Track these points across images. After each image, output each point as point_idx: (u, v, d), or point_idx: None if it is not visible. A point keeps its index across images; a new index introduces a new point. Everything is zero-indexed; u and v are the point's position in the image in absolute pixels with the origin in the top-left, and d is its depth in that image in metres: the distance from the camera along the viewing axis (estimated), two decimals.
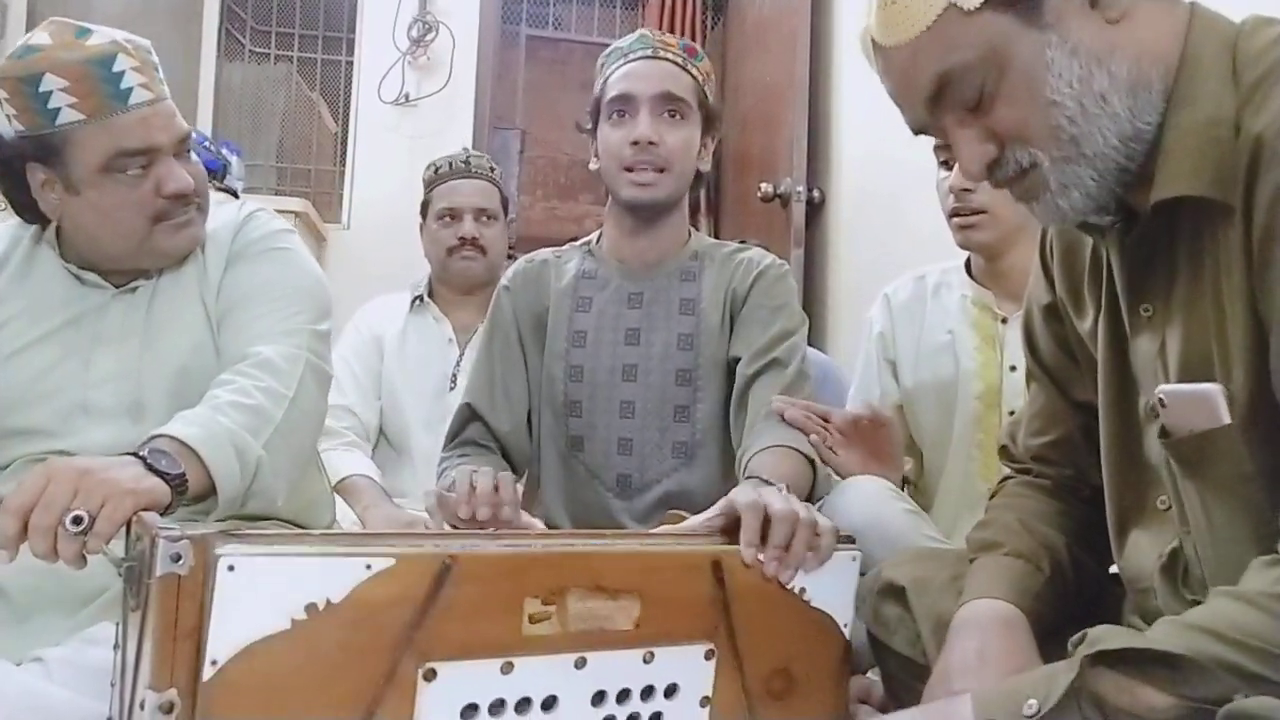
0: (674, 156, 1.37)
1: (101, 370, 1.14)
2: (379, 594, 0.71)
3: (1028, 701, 0.65)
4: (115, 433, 1.11)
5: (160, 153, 1.13)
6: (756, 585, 0.86)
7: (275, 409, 1.06)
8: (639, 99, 1.36)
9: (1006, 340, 1.44)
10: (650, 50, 1.39)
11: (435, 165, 2.12)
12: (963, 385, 1.46)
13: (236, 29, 3.50)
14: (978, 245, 1.45)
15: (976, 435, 1.43)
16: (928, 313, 1.53)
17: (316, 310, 1.21)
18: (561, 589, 0.78)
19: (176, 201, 1.15)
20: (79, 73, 1.07)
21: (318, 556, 0.71)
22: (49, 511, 0.82)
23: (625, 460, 1.38)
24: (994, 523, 0.96)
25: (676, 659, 0.83)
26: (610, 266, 1.46)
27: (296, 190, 3.41)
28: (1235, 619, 0.63)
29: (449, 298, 2.07)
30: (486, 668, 0.75)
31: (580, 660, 0.79)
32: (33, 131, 1.09)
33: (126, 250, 1.16)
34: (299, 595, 0.69)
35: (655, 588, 0.82)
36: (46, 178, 1.12)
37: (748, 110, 3.43)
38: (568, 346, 1.42)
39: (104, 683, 0.82)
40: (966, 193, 1.40)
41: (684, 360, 1.39)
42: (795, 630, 0.88)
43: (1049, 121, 0.73)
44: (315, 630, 0.70)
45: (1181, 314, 0.74)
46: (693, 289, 1.42)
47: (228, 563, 0.67)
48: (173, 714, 0.67)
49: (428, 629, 0.73)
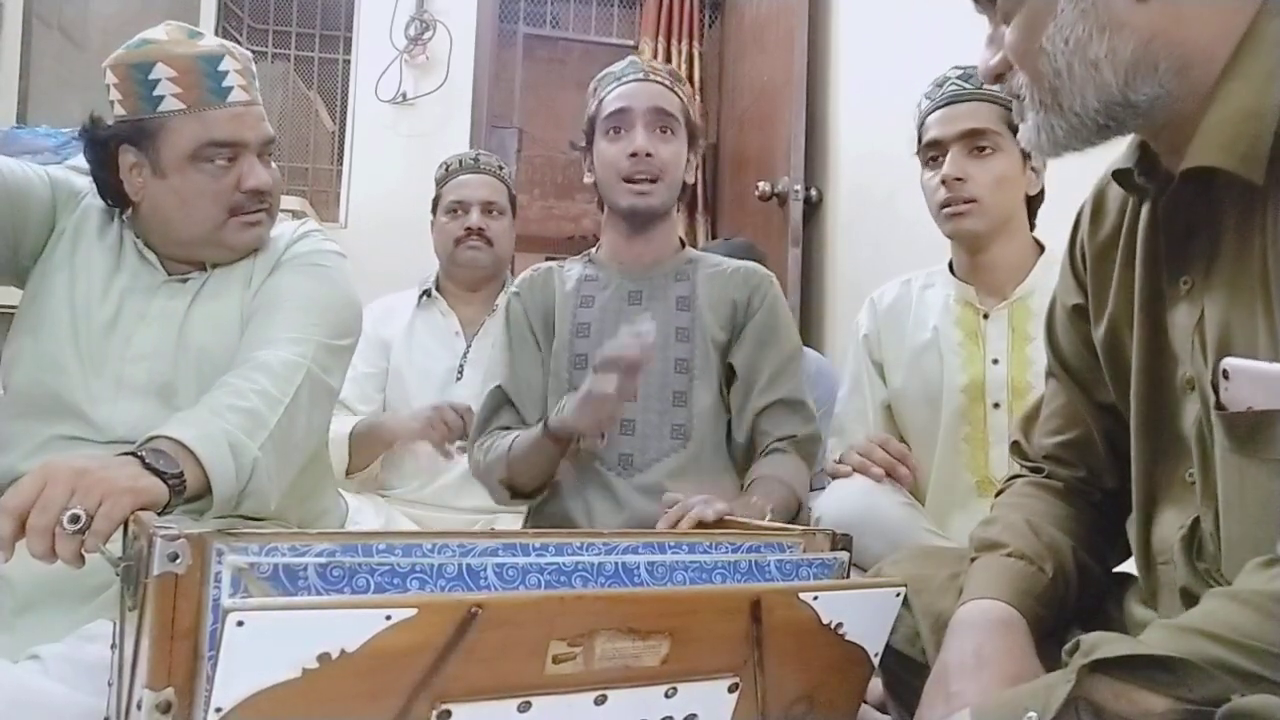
0: (667, 167, 1.49)
1: (139, 348, 1.18)
2: (398, 643, 0.67)
3: (1027, 714, 0.64)
4: (144, 410, 1.14)
5: (246, 149, 1.21)
6: (794, 622, 0.82)
7: (270, 413, 1.07)
8: (634, 114, 1.48)
9: (989, 334, 1.48)
10: (642, 74, 1.53)
11: (446, 163, 2.18)
12: (947, 380, 1.48)
13: (233, 27, 3.49)
14: (967, 233, 1.47)
15: (962, 429, 1.46)
16: (913, 313, 1.57)
17: (335, 326, 1.23)
18: (591, 632, 0.74)
19: (253, 198, 1.22)
20: (187, 66, 1.16)
21: (334, 610, 0.67)
22: (46, 512, 0.82)
23: (628, 440, 1.48)
24: (999, 521, 0.95)
25: (699, 693, 0.80)
26: (610, 270, 1.56)
27: (294, 189, 3.41)
28: (1231, 619, 0.63)
29: (456, 292, 2.12)
30: (503, 708, 0.72)
31: (600, 697, 0.76)
32: (133, 116, 1.17)
33: (198, 237, 1.22)
34: (312, 647, 0.65)
35: (688, 628, 0.78)
36: (137, 161, 1.19)
37: (745, 109, 3.44)
38: (572, 338, 1.53)
39: (100, 679, 0.82)
40: (959, 182, 1.43)
41: (682, 350, 1.50)
42: (825, 662, 0.86)
43: (1036, 65, 0.76)
44: (327, 678, 0.66)
45: (1224, 289, 0.74)
46: (687, 287, 1.54)
47: (236, 618, 0.63)
48: (169, 713, 0.67)
49: (446, 672, 0.70)
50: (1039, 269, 1.47)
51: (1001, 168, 1.43)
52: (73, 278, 1.20)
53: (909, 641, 0.95)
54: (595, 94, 1.56)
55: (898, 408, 1.56)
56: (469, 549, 0.86)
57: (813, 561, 0.95)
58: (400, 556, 0.81)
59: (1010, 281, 1.48)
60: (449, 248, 2.07)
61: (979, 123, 1.43)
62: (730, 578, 0.90)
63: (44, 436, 1.14)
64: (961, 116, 1.44)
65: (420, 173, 3.26)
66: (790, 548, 0.99)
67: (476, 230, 2.04)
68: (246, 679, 0.64)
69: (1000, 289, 1.49)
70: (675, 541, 0.96)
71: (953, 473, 1.46)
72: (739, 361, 1.49)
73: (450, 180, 2.13)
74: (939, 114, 1.46)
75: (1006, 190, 1.45)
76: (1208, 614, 0.65)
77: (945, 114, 1.46)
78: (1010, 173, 1.44)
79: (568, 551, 0.90)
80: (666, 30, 4.03)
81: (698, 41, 4.07)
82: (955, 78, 1.47)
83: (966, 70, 1.46)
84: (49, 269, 1.21)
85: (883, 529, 1.28)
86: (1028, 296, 1.46)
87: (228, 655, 0.63)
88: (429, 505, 1.92)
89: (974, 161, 1.43)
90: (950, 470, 1.46)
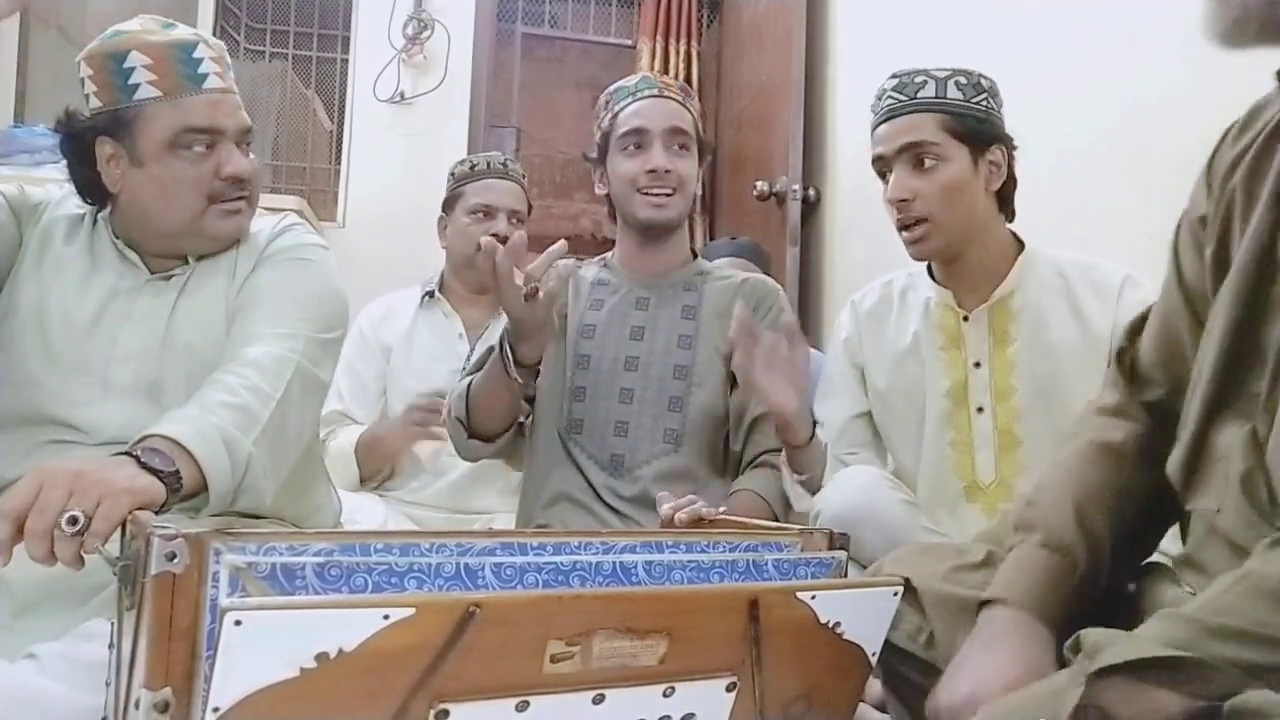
0: (684, 182, 1.55)
1: (125, 348, 1.18)
2: (396, 643, 0.68)
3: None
4: (131, 410, 1.14)
5: (224, 136, 1.20)
6: (792, 621, 0.83)
7: (262, 408, 1.07)
8: (652, 132, 1.54)
9: (969, 337, 1.44)
10: (656, 90, 1.58)
11: (471, 162, 2.11)
12: (930, 384, 1.45)
13: (231, 26, 3.49)
14: (929, 255, 1.44)
15: (947, 433, 1.43)
16: (894, 317, 1.54)
17: (322, 319, 1.22)
18: (589, 631, 0.75)
19: (232, 185, 1.21)
20: (163, 53, 1.16)
21: (332, 609, 0.67)
22: (44, 515, 0.81)
23: (620, 441, 1.50)
24: (1045, 496, 0.93)
25: (697, 692, 0.80)
26: (622, 275, 1.62)
27: (292, 188, 3.40)
28: (1243, 608, 0.62)
29: (461, 294, 2.07)
30: (501, 707, 0.72)
31: (598, 696, 0.76)
32: (110, 106, 1.16)
33: (177, 226, 1.21)
34: (309, 646, 0.66)
35: (686, 627, 0.78)
36: (114, 152, 1.18)
37: (743, 109, 3.44)
38: (578, 338, 1.56)
39: (98, 678, 0.82)
40: (904, 203, 1.39)
41: (682, 358, 1.53)
42: (824, 661, 0.86)
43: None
44: (325, 677, 0.66)
45: None
46: (694, 298, 1.58)
47: (234, 617, 0.63)
48: (167, 713, 0.67)
49: (444, 672, 0.70)
50: (1018, 268, 1.43)
51: (948, 176, 1.37)
52: (41, 289, 1.19)
53: (910, 638, 0.94)
54: (608, 107, 1.59)
55: (881, 413, 1.53)
56: (467, 548, 0.85)
57: (810, 560, 0.95)
58: (398, 556, 0.80)
59: (988, 283, 1.44)
60: (469, 251, 2.00)
61: (916, 135, 1.38)
62: (728, 577, 0.90)
63: (34, 442, 1.13)
64: (900, 131, 1.39)
65: (418, 172, 3.27)
66: (788, 547, 0.98)
67: (502, 239, 2.00)
68: (244, 678, 0.64)
69: (980, 289, 1.45)
70: (673, 541, 0.96)
71: (939, 478, 1.43)
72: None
73: (475, 181, 2.06)
74: (880, 129, 1.42)
75: (959, 199, 1.38)
76: (1218, 603, 0.64)
77: (885, 130, 1.41)
78: (960, 179, 1.38)
79: (565, 551, 0.90)
80: (665, 30, 4.03)
81: (696, 41, 4.07)
82: (890, 89, 1.42)
83: (902, 79, 1.41)
84: (15, 285, 1.20)
85: (882, 526, 1.28)
86: (1008, 297, 1.43)
87: (225, 654, 0.63)
88: (427, 505, 1.91)
89: (918, 177, 1.38)
90: (937, 475, 1.44)
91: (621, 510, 1.46)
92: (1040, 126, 1.49)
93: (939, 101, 1.39)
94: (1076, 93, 1.82)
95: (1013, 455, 1.40)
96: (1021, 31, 2.00)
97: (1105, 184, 1.75)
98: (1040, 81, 1.86)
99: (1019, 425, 1.39)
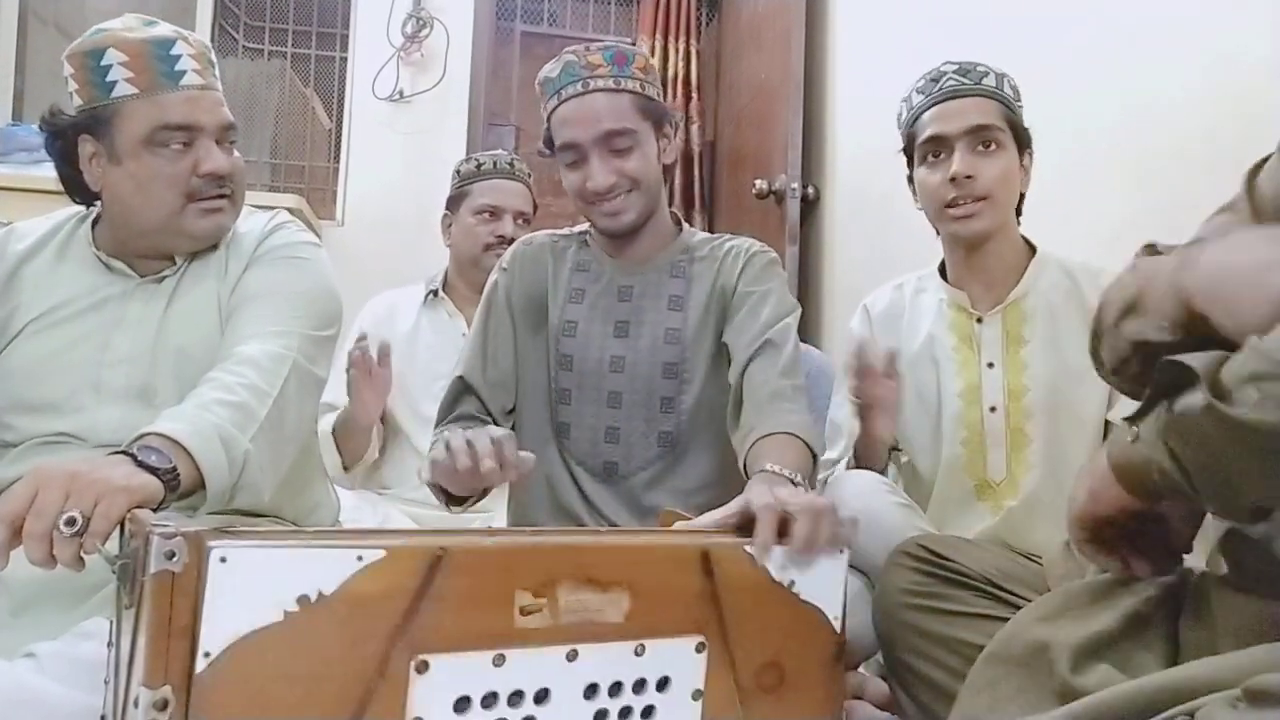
0: (637, 180, 1.37)
1: (117, 352, 1.17)
2: (371, 586, 0.72)
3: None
4: (125, 413, 1.14)
5: (202, 133, 1.19)
6: (746, 578, 0.87)
7: (259, 405, 1.06)
8: (584, 145, 1.34)
9: (983, 339, 1.46)
10: (580, 83, 1.34)
11: (477, 160, 2.10)
12: (944, 385, 1.47)
13: (230, 25, 3.49)
14: (975, 234, 1.44)
15: (960, 433, 1.45)
16: (906, 320, 1.55)
17: (317, 316, 1.22)
18: (552, 581, 0.79)
19: (211, 183, 1.20)
20: (139, 50, 1.16)
21: (309, 548, 0.72)
22: (42, 517, 0.81)
23: (611, 448, 1.42)
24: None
25: (668, 652, 0.84)
26: (603, 260, 1.49)
27: (290, 187, 3.41)
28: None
29: (465, 294, 2.06)
30: (478, 660, 0.76)
31: (572, 653, 0.80)
32: (90, 105, 1.17)
33: (156, 224, 1.20)
34: (291, 587, 0.70)
35: (645, 580, 0.83)
36: (95, 150, 1.18)
37: (742, 107, 3.43)
38: (559, 335, 1.45)
39: (97, 677, 0.82)
40: (969, 180, 1.40)
41: (670, 354, 1.42)
42: (786, 624, 0.89)
43: None
44: (307, 622, 0.70)
45: None
46: (681, 285, 1.45)
47: (220, 554, 0.68)
48: (166, 711, 0.67)
49: (419, 621, 0.74)
50: (1031, 271, 1.46)
51: (1005, 164, 1.42)
52: (10, 314, 1.19)
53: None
54: (543, 103, 1.41)
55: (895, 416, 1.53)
56: None
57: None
58: None
59: (1004, 284, 1.47)
60: (475, 251, 2.01)
61: (985, 118, 1.41)
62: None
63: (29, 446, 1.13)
64: (967, 112, 1.42)
65: (417, 170, 3.27)
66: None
67: (509, 240, 1.96)
68: (232, 619, 0.68)
69: (994, 291, 1.48)
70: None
71: (951, 476, 1.45)
72: (728, 334, 1.39)
73: (482, 180, 2.05)
74: (938, 110, 1.44)
75: (1011, 189, 1.44)
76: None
77: (946, 109, 1.43)
78: (1013, 169, 1.43)
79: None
80: (664, 28, 4.02)
81: (695, 39, 4.06)
82: (953, 72, 1.45)
83: (964, 65, 1.45)
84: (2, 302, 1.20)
85: (879, 529, 1.28)
86: (1021, 299, 1.45)
87: (213, 594, 0.68)
88: (427, 504, 1.90)
89: (981, 158, 1.41)
90: (950, 475, 1.45)
91: (617, 521, 1.39)
92: (1040, 126, 1.49)
93: (1000, 93, 1.44)
94: (1076, 92, 1.82)
95: (1022, 454, 1.42)
96: (1021, 31, 2.00)
97: (1105, 184, 1.75)
98: (1040, 81, 1.86)
99: (1029, 424, 1.42)
